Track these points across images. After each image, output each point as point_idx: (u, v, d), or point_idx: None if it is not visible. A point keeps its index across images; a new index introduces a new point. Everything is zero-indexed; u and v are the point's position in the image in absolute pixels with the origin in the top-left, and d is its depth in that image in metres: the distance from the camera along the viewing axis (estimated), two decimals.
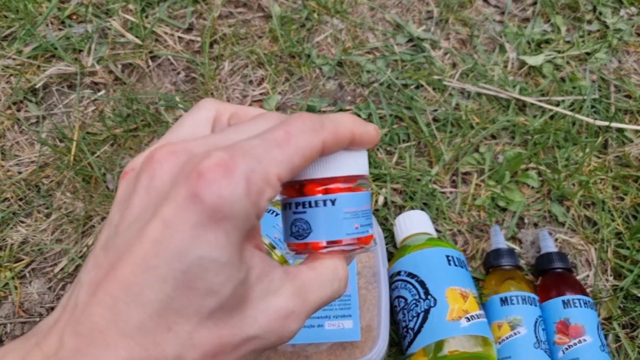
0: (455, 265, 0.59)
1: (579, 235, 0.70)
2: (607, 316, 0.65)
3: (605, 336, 0.64)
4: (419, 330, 0.56)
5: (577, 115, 0.78)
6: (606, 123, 0.77)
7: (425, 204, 0.71)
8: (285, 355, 0.53)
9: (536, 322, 0.58)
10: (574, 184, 0.73)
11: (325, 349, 0.53)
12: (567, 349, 0.58)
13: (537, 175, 0.73)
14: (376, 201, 0.71)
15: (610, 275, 0.67)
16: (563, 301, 0.60)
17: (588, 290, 0.66)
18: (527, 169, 0.75)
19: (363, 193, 0.28)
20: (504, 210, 0.72)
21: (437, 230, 0.69)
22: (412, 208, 0.70)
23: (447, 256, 0.59)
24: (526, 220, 0.71)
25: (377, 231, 0.58)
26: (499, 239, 0.65)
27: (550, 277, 0.63)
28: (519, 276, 0.62)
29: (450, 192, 0.73)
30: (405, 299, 0.58)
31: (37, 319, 0.64)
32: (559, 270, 0.63)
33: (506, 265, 0.63)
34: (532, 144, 0.76)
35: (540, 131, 0.78)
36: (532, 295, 0.60)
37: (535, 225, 0.71)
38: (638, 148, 0.78)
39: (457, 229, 0.70)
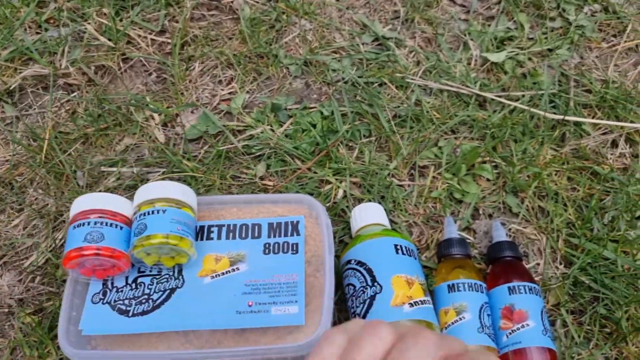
0: (403, 254, 0.61)
1: (532, 225, 0.72)
2: (556, 302, 0.67)
3: (553, 322, 0.66)
4: (364, 316, 0.58)
5: (533, 109, 0.80)
6: (561, 116, 0.79)
7: (382, 196, 0.73)
8: (234, 340, 0.55)
9: (481, 308, 0.60)
10: (528, 176, 0.76)
11: (272, 333, 0.55)
12: (510, 333, 0.60)
13: (492, 168, 0.75)
14: (335, 194, 0.74)
15: (560, 264, 0.69)
16: (509, 288, 0.62)
17: (538, 278, 0.68)
18: (484, 162, 0.77)
19: None
20: (459, 202, 0.74)
21: (393, 222, 0.71)
22: (369, 200, 0.72)
23: (396, 245, 0.62)
24: (481, 212, 0.73)
25: (325, 221, 0.60)
26: (451, 229, 0.67)
27: (500, 265, 0.65)
28: (469, 265, 0.64)
29: (408, 185, 0.75)
30: (354, 286, 0.60)
31: (6, 310, 0.67)
32: (508, 258, 0.65)
33: (457, 254, 0.65)
34: (489, 137, 0.78)
35: (499, 125, 0.80)
36: (480, 282, 0.62)
37: (490, 216, 0.73)
38: (595, 141, 0.80)
39: (413, 220, 0.72)
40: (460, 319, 0.60)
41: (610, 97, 0.83)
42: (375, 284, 0.59)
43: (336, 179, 0.75)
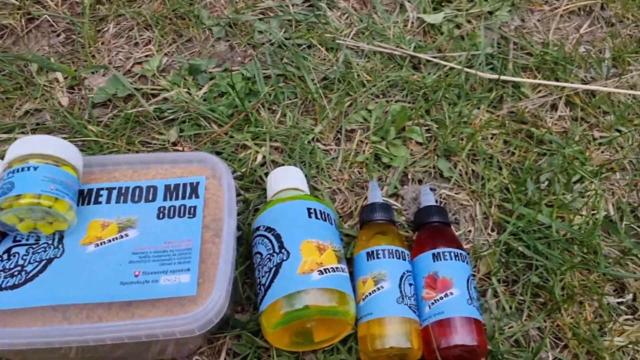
0: (317, 218, 0.56)
1: (465, 190, 0.67)
2: (487, 272, 0.62)
3: (484, 292, 0.61)
4: (269, 286, 0.52)
5: (468, 69, 0.75)
6: (496, 76, 0.74)
7: (304, 162, 0.67)
8: (119, 315, 0.48)
9: (402, 276, 0.55)
10: (462, 139, 0.71)
11: (161, 305, 0.49)
12: (433, 303, 0.54)
13: (425, 131, 0.70)
14: (255, 159, 0.67)
15: (493, 230, 0.65)
16: (433, 254, 0.57)
17: (469, 246, 0.63)
18: (418, 125, 0.72)
19: None
20: (388, 167, 0.68)
21: (315, 189, 0.66)
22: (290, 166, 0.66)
23: (309, 209, 0.56)
24: (410, 177, 0.68)
25: (227, 182, 0.54)
26: (375, 194, 0.62)
27: (425, 232, 0.60)
28: (392, 231, 0.59)
29: (333, 150, 0.69)
30: (261, 254, 0.54)
31: None
32: (435, 224, 0.60)
33: (379, 219, 0.60)
34: (422, 99, 0.73)
35: (433, 87, 0.74)
36: (402, 249, 0.57)
37: (420, 181, 0.68)
38: (534, 104, 0.76)
39: (337, 187, 0.66)
40: (379, 288, 0.54)
41: (551, 58, 0.79)
42: (283, 250, 0.53)
43: (255, 144, 0.68)
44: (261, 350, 0.55)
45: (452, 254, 0.56)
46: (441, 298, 0.54)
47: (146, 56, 0.78)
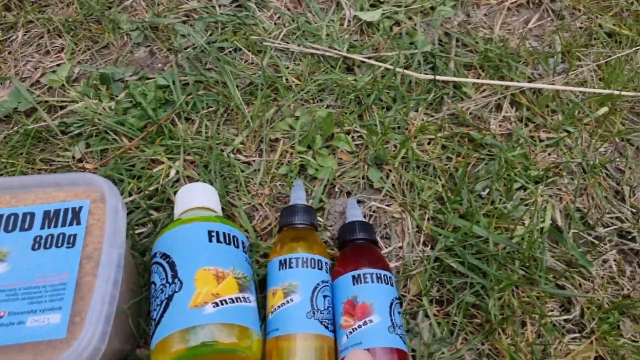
0: (219, 241, 0.50)
1: (397, 202, 0.61)
2: (418, 292, 0.56)
3: (415, 315, 0.55)
4: (159, 321, 0.46)
5: (402, 70, 0.69)
6: (431, 76, 0.69)
7: (223, 176, 0.61)
8: None
9: (316, 288, 0.49)
10: (395, 146, 0.65)
11: (31, 350, 0.43)
12: (351, 332, 0.48)
13: (352, 139, 0.64)
14: (167, 175, 0.61)
15: (426, 245, 0.59)
16: (353, 277, 0.51)
17: (399, 263, 0.58)
18: (348, 133, 0.66)
19: None
20: (314, 179, 0.63)
21: (232, 205, 0.60)
22: (205, 182, 0.60)
23: (210, 232, 0.50)
24: (338, 189, 0.62)
25: (112, 204, 0.48)
26: (298, 195, 0.56)
27: (348, 250, 0.54)
28: (311, 236, 0.53)
29: (254, 161, 0.63)
30: (155, 285, 0.49)
31: None
32: (359, 241, 0.54)
33: (299, 223, 0.54)
34: (354, 104, 0.68)
35: (367, 91, 0.69)
36: (319, 257, 0.51)
37: (349, 193, 0.62)
38: (477, 104, 0.70)
39: (257, 202, 0.60)
40: (288, 301, 0.48)
41: (494, 55, 0.73)
42: (176, 280, 0.47)
43: (169, 158, 0.62)
44: None
45: (374, 275, 0.50)
46: (359, 326, 0.48)
47: (57, 65, 0.72)
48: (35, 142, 0.63)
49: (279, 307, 0.49)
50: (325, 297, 0.49)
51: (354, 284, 0.50)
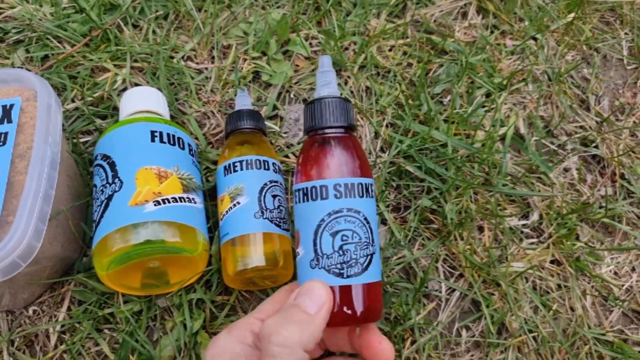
0: (162, 142, 0.47)
1: (355, 109, 0.59)
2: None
3: None
4: (99, 222, 0.44)
5: None
6: None
7: (172, 83, 0.58)
8: None
9: (263, 188, 0.47)
10: (354, 51, 0.62)
11: None
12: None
13: (308, 44, 0.61)
14: (114, 82, 0.58)
15: (384, 152, 0.57)
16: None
17: None
18: (306, 39, 0.63)
19: None
20: (268, 85, 0.60)
21: (182, 113, 0.57)
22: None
23: (153, 131, 0.47)
24: (293, 95, 0.59)
25: (46, 102, 0.45)
26: (242, 102, 0.53)
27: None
28: (257, 140, 0.51)
29: (206, 69, 0.60)
30: (96, 186, 0.46)
31: None
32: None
33: (244, 128, 0.51)
34: (312, 9, 0.64)
35: None
36: (264, 157, 0.48)
37: (305, 100, 0.60)
38: (441, 10, 0.67)
39: (209, 110, 0.57)
40: (235, 205, 0.46)
41: None
42: (116, 180, 0.45)
43: (115, 65, 0.59)
44: (107, 296, 0.48)
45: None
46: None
47: None
48: None
49: (227, 212, 0.47)
50: (274, 196, 0.47)
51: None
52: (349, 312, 0.37)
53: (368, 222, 0.38)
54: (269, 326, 0.34)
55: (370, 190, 0.39)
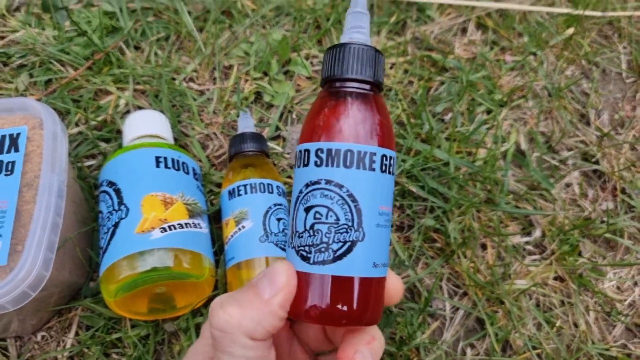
0: (167, 167, 0.48)
1: None
2: None
3: None
4: (106, 249, 0.44)
5: None
6: None
7: (174, 105, 0.59)
8: None
9: (267, 212, 0.48)
10: None
11: None
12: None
13: (309, 64, 0.62)
14: (116, 105, 0.58)
15: None
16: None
17: None
18: (307, 58, 0.63)
19: None
20: (270, 106, 0.60)
21: (185, 135, 0.57)
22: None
23: (158, 157, 0.48)
24: (295, 116, 0.60)
25: (52, 130, 0.45)
26: (245, 124, 0.54)
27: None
28: (261, 162, 0.51)
29: (208, 90, 0.60)
30: (102, 213, 0.47)
31: None
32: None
33: (247, 151, 0.52)
34: (312, 28, 0.65)
35: (326, 14, 0.66)
36: (268, 181, 0.49)
37: None
38: (441, 28, 0.68)
39: (212, 131, 0.58)
40: (240, 229, 0.47)
41: None
42: (122, 206, 0.45)
43: (117, 88, 0.59)
44: (114, 321, 0.48)
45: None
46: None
47: None
48: None
49: (232, 236, 0.47)
50: (279, 219, 0.48)
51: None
52: (308, 306, 0.29)
53: (355, 201, 0.29)
54: (213, 306, 0.29)
55: (371, 161, 0.30)
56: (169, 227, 0.44)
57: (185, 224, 0.46)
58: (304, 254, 0.30)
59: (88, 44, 0.61)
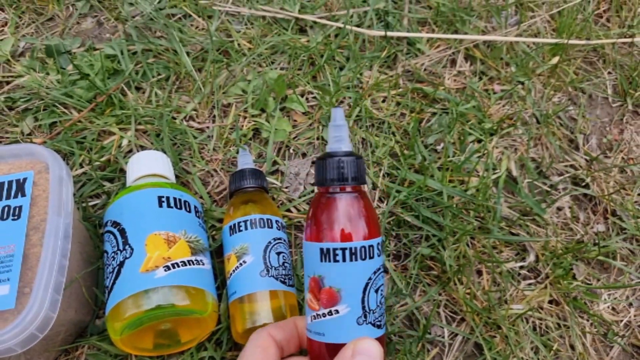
0: (170, 206, 0.49)
1: None
2: None
3: None
4: (112, 288, 0.46)
5: (355, 28, 0.68)
6: (382, 32, 0.68)
7: (175, 144, 0.61)
8: None
9: (267, 246, 0.49)
10: (349, 105, 0.65)
11: None
12: (315, 317, 0.39)
13: (304, 100, 0.64)
14: (119, 145, 0.60)
15: (382, 202, 0.59)
16: (321, 250, 0.38)
17: None
18: (302, 94, 0.65)
19: None
20: (268, 142, 0.62)
21: (187, 173, 0.59)
22: (158, 150, 0.60)
23: (160, 197, 0.49)
24: (292, 151, 0.62)
25: (57, 174, 0.47)
26: (244, 161, 0.56)
27: (324, 200, 0.41)
28: (261, 198, 0.53)
29: (207, 128, 0.63)
30: (107, 253, 0.48)
31: None
32: (334, 194, 0.46)
33: (246, 187, 0.53)
34: (307, 64, 0.67)
35: (320, 51, 0.68)
36: (268, 216, 0.51)
37: (304, 155, 0.62)
38: (431, 60, 0.70)
39: (212, 168, 0.60)
40: (241, 264, 0.49)
41: (447, 10, 0.73)
42: (127, 246, 0.47)
43: (120, 128, 0.61)
44: (120, 358, 0.50)
45: (349, 251, 0.38)
46: (324, 315, 0.38)
47: (0, 40, 0.70)
48: None
49: (234, 271, 0.49)
50: (279, 253, 0.49)
51: (322, 260, 0.38)
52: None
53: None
54: None
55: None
56: (173, 265, 0.46)
57: (188, 261, 0.47)
58: (379, 323, 0.39)
59: (91, 87, 0.63)
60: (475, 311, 0.54)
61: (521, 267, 0.58)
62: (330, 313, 0.38)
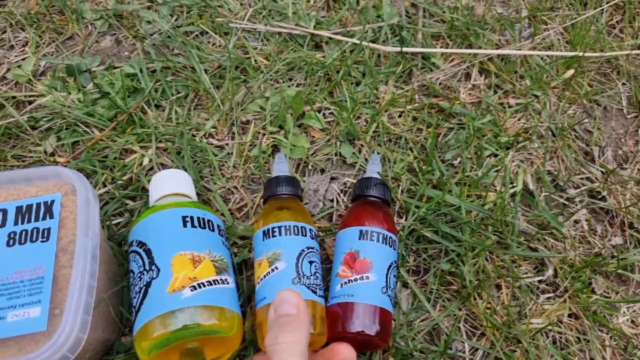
0: (194, 226, 0.50)
1: None
2: None
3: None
4: (139, 309, 0.47)
5: (368, 44, 0.69)
6: (397, 49, 0.69)
7: (195, 161, 0.62)
8: None
9: (301, 254, 0.50)
10: (366, 121, 0.65)
11: (14, 345, 0.43)
12: (346, 283, 0.50)
13: (323, 116, 0.65)
14: (141, 164, 0.61)
15: (401, 217, 0.60)
16: (360, 231, 0.52)
17: None
18: (320, 110, 0.66)
19: None
20: (288, 159, 0.63)
21: (208, 190, 0.60)
22: (179, 168, 0.61)
23: (184, 217, 0.50)
24: (311, 167, 0.63)
25: (84, 196, 0.48)
26: (280, 168, 0.56)
27: (360, 205, 0.55)
28: (296, 206, 0.54)
29: (227, 145, 0.63)
30: (133, 273, 0.49)
31: None
32: (371, 198, 0.55)
33: (281, 194, 0.54)
34: (324, 81, 0.68)
35: (336, 67, 0.69)
36: (302, 224, 0.51)
37: (322, 171, 0.63)
38: (445, 74, 0.71)
39: (233, 185, 0.61)
40: (273, 270, 0.49)
41: (461, 24, 0.74)
42: (153, 267, 0.47)
43: (141, 147, 0.62)
44: None
45: (381, 235, 0.52)
46: (355, 280, 0.50)
47: (22, 59, 0.71)
48: (6, 139, 0.63)
49: (264, 276, 0.49)
50: (311, 262, 0.50)
51: (359, 238, 0.51)
52: None
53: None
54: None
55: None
56: (199, 285, 0.47)
57: (214, 280, 0.48)
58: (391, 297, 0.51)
59: (112, 106, 0.64)
60: (496, 326, 0.54)
61: (540, 281, 0.59)
62: (361, 278, 0.50)
